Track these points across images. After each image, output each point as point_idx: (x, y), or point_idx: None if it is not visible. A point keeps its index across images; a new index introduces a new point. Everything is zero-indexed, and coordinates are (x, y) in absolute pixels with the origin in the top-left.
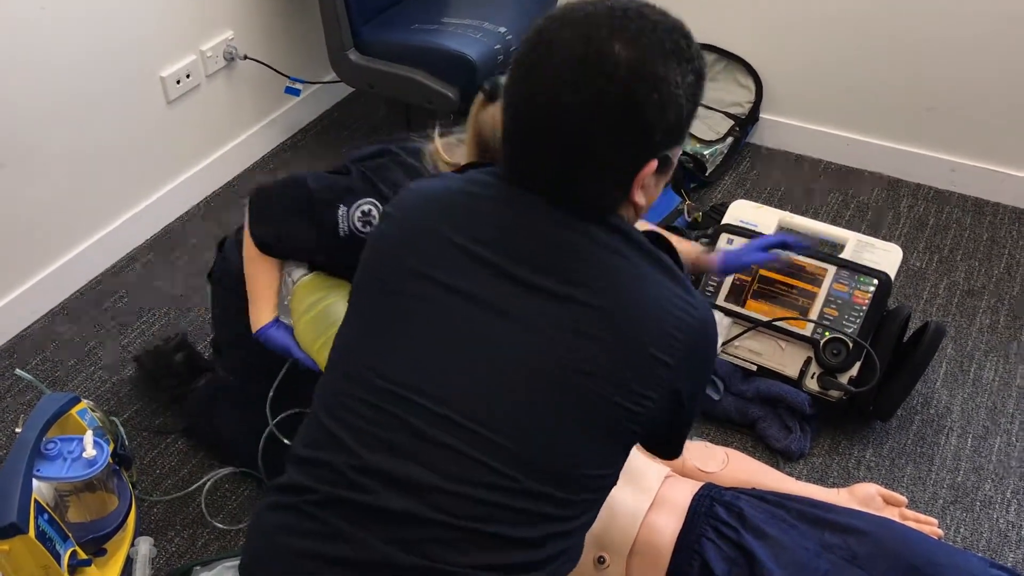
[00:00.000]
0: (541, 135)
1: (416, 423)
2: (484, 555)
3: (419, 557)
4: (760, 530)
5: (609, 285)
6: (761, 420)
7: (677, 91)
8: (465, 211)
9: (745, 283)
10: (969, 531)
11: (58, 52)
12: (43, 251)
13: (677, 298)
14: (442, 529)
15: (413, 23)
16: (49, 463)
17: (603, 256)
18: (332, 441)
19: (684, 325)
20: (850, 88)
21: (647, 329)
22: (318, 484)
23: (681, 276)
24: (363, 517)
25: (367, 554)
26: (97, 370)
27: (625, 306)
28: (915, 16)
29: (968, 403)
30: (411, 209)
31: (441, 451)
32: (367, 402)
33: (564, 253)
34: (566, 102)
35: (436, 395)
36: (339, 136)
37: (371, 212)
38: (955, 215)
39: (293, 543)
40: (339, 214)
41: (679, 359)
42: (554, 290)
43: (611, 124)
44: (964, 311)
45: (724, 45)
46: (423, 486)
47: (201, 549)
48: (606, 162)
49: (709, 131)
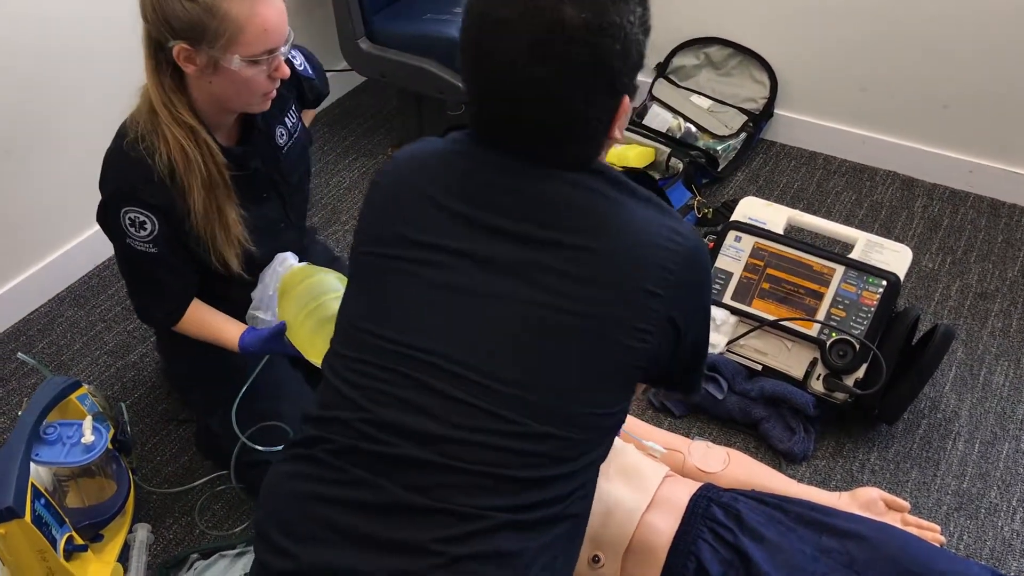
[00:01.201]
0: (515, 110)
1: (422, 378)
2: (497, 497)
3: (435, 500)
4: (757, 532)
5: (596, 226)
6: (765, 421)
7: (633, 30)
8: (449, 171)
9: (752, 281)
10: (973, 538)
11: (69, 36)
12: (51, 235)
13: (665, 229)
14: (455, 474)
15: (425, 13)
16: (48, 447)
17: (587, 199)
18: (344, 401)
19: (675, 255)
20: (867, 85)
21: (639, 265)
22: (333, 436)
23: (666, 207)
24: (379, 464)
25: (384, 498)
26: (102, 355)
27: (614, 245)
28: (933, 13)
29: (977, 408)
30: (396, 175)
31: (449, 403)
32: (374, 363)
33: (549, 201)
34: (537, 76)
35: (440, 351)
36: (350, 125)
37: (136, 219)
38: (970, 216)
39: (309, 488)
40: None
41: (671, 288)
42: (543, 238)
43: (583, 84)
44: (976, 314)
45: (739, 40)
46: (434, 437)
47: (199, 537)
48: (585, 119)
49: (722, 126)
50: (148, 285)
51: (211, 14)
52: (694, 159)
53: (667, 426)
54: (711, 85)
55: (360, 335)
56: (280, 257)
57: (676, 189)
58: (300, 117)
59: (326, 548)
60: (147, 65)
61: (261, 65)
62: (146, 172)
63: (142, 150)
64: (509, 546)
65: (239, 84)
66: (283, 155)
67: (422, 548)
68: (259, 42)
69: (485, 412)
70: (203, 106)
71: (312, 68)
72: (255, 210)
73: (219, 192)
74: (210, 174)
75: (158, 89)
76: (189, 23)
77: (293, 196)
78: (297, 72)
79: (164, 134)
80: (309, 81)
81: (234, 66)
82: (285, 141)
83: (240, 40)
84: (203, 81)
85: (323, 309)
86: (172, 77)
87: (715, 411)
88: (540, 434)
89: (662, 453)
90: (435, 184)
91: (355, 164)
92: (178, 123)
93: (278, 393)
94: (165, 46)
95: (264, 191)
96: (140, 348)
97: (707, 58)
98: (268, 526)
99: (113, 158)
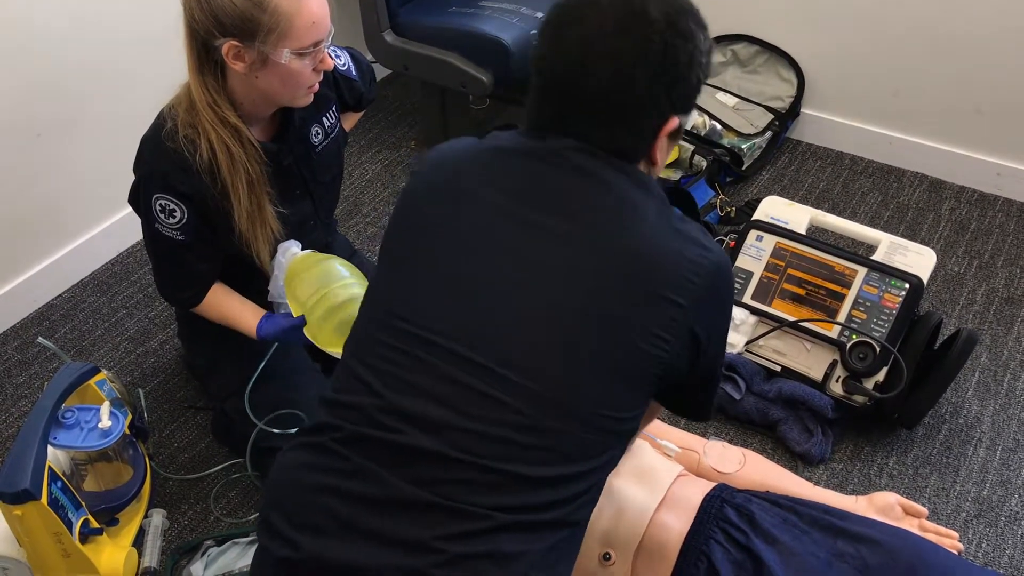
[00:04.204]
0: (582, 79)
1: (440, 365)
2: (502, 496)
3: (441, 497)
4: (770, 535)
5: (627, 234)
6: (782, 422)
7: (701, 54)
8: (487, 165)
9: (773, 281)
10: (991, 546)
11: (101, 22)
12: (76, 222)
13: (693, 243)
14: (464, 469)
15: (451, 6)
16: (66, 432)
17: (624, 206)
18: (359, 384)
19: (700, 268)
20: (896, 85)
21: (664, 273)
22: (343, 423)
23: (696, 225)
24: (386, 455)
25: (389, 492)
26: (123, 341)
27: (642, 253)
28: (965, 15)
29: (1000, 414)
30: (436, 164)
31: (464, 392)
32: (393, 346)
33: (586, 203)
34: (616, 48)
35: (460, 338)
36: (374, 117)
37: (167, 206)
38: (998, 220)
39: (315, 479)
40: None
41: (694, 300)
42: (575, 237)
43: (652, 70)
44: (1002, 319)
45: (767, 38)
46: (445, 425)
47: (213, 524)
48: (642, 106)
49: (748, 124)
50: (172, 267)
51: (261, 8)
52: (718, 157)
53: (683, 426)
54: (737, 83)
55: (382, 314)
56: (283, 247)
57: (699, 187)
58: (339, 118)
59: (328, 539)
60: (190, 65)
61: (307, 58)
62: (181, 162)
63: (180, 141)
64: (510, 547)
65: (286, 78)
66: (316, 154)
67: (423, 545)
68: (307, 35)
69: (498, 402)
70: (244, 100)
71: (358, 72)
72: (287, 207)
73: (260, 189)
74: (254, 172)
75: (202, 89)
76: (240, 19)
77: (324, 194)
78: (338, 71)
79: (207, 134)
80: (349, 82)
81: (284, 60)
82: (320, 140)
83: (290, 34)
84: (249, 77)
85: (331, 297)
86: (215, 76)
87: (732, 411)
88: (550, 429)
89: (677, 452)
90: (472, 175)
91: (378, 157)
92: (223, 123)
93: (295, 382)
94: (213, 44)
95: (296, 188)
96: (160, 335)
97: (734, 55)
98: (272, 513)
99: (150, 144)
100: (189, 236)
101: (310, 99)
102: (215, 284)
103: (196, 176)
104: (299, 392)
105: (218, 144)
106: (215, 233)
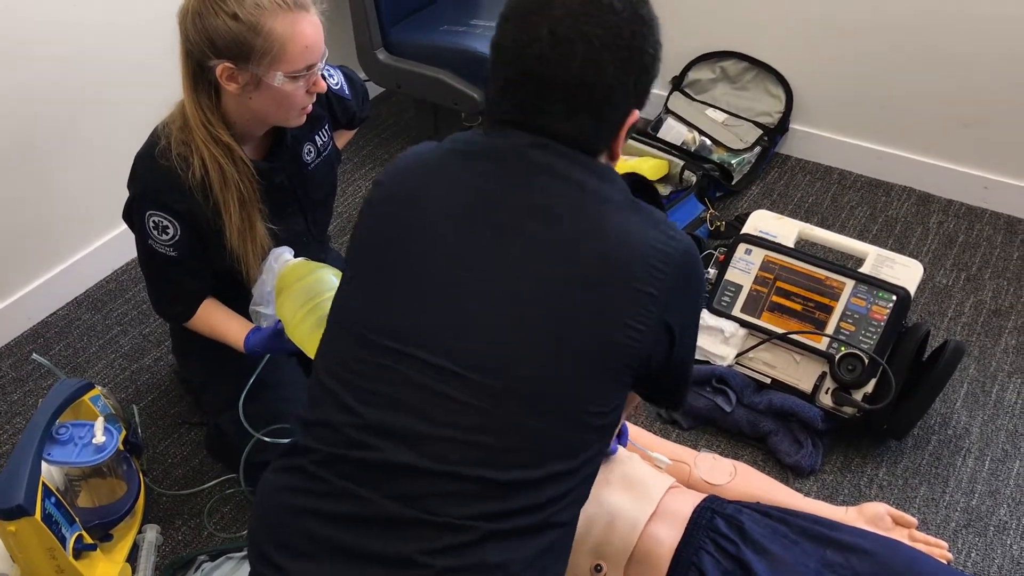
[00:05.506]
0: (552, 65)
1: (413, 374)
2: (487, 504)
3: (420, 511)
4: (760, 545)
5: (592, 227)
6: (772, 434)
7: (657, 48)
8: (448, 169)
9: (762, 294)
10: (980, 556)
11: (95, 42)
12: (71, 239)
13: (659, 233)
14: (443, 480)
15: (442, 24)
16: (60, 447)
17: (586, 200)
18: (332, 400)
19: (668, 257)
20: (883, 100)
21: (632, 265)
22: (320, 444)
23: (661, 215)
24: (364, 473)
25: (370, 510)
26: (117, 358)
27: (610, 245)
28: (952, 29)
29: (988, 425)
30: (397, 174)
31: (439, 400)
32: (363, 359)
33: (548, 201)
34: (584, 31)
35: (431, 346)
36: (367, 135)
37: (160, 223)
38: (986, 233)
39: (296, 502)
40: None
41: (665, 289)
42: (542, 235)
43: (619, 58)
44: (989, 331)
45: (755, 54)
46: (421, 436)
47: (207, 539)
48: (609, 95)
49: (737, 140)
50: (165, 283)
51: (255, 32)
52: (708, 172)
53: (674, 438)
54: (726, 99)
55: (351, 327)
56: (275, 252)
57: (689, 202)
58: (332, 136)
59: (315, 563)
60: (184, 84)
61: (300, 81)
62: (174, 180)
63: (174, 159)
64: (495, 557)
65: (279, 100)
66: (309, 172)
67: (408, 560)
68: (301, 59)
69: (470, 406)
70: (237, 120)
71: (351, 90)
72: (279, 223)
73: (251, 207)
74: (245, 190)
75: (196, 108)
76: (233, 41)
77: (317, 212)
78: (331, 90)
79: (200, 152)
80: (342, 101)
81: (276, 82)
82: (312, 158)
83: (284, 58)
84: (243, 98)
85: (323, 307)
86: (209, 96)
87: (723, 424)
88: (531, 429)
89: (668, 464)
90: (433, 182)
91: (371, 174)
92: (216, 142)
93: (285, 395)
94: (207, 65)
95: (288, 205)
96: (155, 352)
97: (723, 72)
98: (260, 537)
99: (144, 161)
100: (182, 252)
101: (303, 120)
102: (207, 299)
103: (189, 193)
104: (292, 405)
105: (211, 162)
106: (207, 250)
